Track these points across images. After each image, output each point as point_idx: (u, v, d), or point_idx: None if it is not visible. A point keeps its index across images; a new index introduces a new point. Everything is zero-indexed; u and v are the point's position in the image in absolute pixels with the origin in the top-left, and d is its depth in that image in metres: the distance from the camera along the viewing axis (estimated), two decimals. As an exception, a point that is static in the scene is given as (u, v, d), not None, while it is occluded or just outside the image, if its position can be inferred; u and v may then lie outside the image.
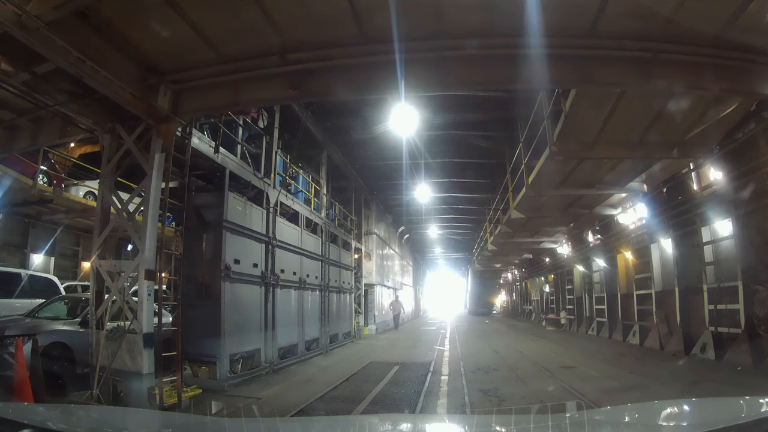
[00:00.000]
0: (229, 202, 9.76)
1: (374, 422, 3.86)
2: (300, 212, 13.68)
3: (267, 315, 11.07)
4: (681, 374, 9.73)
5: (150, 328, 6.95)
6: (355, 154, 18.52)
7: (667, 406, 2.78)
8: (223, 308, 9.20)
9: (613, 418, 2.78)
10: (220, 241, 9.45)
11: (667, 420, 2.47)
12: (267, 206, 11.47)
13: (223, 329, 9.09)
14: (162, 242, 7.44)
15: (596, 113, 8.77)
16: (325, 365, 12.23)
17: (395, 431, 3.20)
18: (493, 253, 26.51)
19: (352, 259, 19.70)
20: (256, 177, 11.10)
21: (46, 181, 12.40)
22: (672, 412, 2.63)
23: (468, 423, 3.63)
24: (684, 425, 2.51)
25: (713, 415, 2.37)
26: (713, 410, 2.50)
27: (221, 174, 9.78)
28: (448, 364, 11.81)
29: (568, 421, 2.80)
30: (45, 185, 12.14)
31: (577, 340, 17.79)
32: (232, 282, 9.60)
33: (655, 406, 2.99)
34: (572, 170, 11.49)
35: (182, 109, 7.56)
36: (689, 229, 12.25)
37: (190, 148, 8.27)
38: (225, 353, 9.10)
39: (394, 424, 3.43)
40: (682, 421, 2.55)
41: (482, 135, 16.29)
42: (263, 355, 10.70)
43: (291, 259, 12.73)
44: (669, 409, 2.71)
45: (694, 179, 12.04)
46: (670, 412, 2.61)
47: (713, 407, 2.59)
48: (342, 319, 17.59)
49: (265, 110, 12.16)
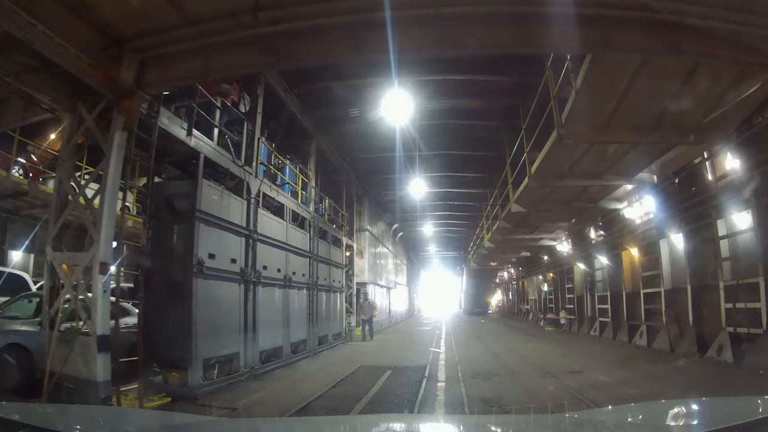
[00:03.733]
0: (204, 191, 8.89)
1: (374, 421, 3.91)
2: (286, 205, 12.75)
3: (247, 315, 10.17)
4: (700, 379, 8.91)
5: (106, 329, 6.11)
6: (346, 146, 17.60)
7: (669, 406, 2.77)
8: (195, 307, 8.30)
9: (613, 417, 2.73)
10: (192, 233, 8.56)
11: (668, 420, 2.39)
12: (248, 197, 10.56)
13: (194, 331, 8.21)
14: (121, 231, 6.65)
15: (609, 92, 7.96)
16: (312, 370, 11.37)
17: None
18: (489, 251, 25.67)
19: (343, 256, 18.76)
20: (236, 165, 10.19)
21: (22, 174, 11.78)
22: (672, 411, 2.58)
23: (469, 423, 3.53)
24: (685, 425, 2.42)
25: (714, 414, 2.35)
26: (714, 410, 2.47)
27: (196, 160, 8.87)
28: (444, 368, 10.95)
29: (568, 421, 2.79)
30: (20, 178, 11.49)
31: (579, 341, 16.95)
32: (205, 278, 8.70)
33: (656, 405, 2.96)
34: (578, 160, 10.67)
35: (147, 81, 6.76)
36: (703, 223, 11.44)
37: (157, 127, 7.46)
38: (197, 357, 8.22)
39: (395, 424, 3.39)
40: (683, 420, 2.46)
41: (481, 125, 15.40)
42: (243, 359, 9.82)
43: (275, 254, 11.81)
44: (670, 408, 2.66)
45: (708, 169, 11.24)
46: (671, 412, 2.56)
47: (714, 407, 2.57)
48: (332, 320, 16.66)
49: (247, 94, 11.34)
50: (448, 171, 20.27)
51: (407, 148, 16.92)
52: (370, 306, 19.77)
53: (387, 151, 17.41)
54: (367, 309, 19.47)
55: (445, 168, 19.84)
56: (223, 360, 9.25)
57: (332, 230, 17.43)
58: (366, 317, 19.19)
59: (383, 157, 18.31)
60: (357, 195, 22.62)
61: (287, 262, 12.46)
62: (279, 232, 12.14)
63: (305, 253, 13.95)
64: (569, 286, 22.38)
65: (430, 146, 16.98)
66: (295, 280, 12.91)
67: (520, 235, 20.14)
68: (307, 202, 14.96)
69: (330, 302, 16.48)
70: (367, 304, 19.78)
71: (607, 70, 7.42)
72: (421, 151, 17.11)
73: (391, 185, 22.32)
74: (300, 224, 14.01)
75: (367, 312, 19.34)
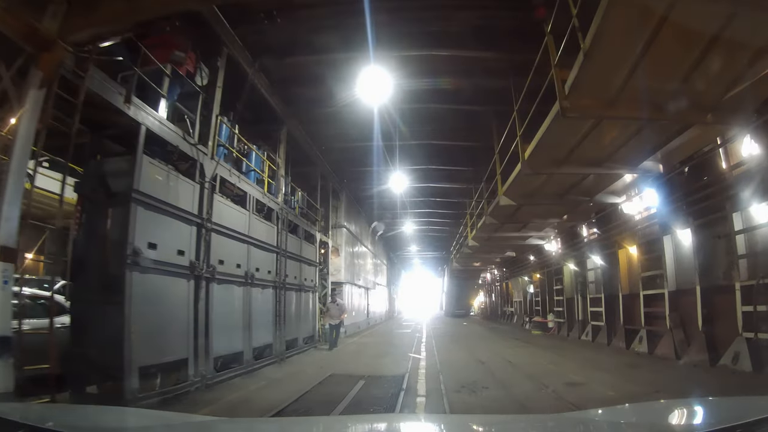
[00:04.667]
0: (144, 169, 7.50)
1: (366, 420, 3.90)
2: (249, 193, 11.29)
3: (198, 316, 8.78)
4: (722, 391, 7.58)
5: (6, 330, 4.99)
6: (320, 133, 16.12)
7: (668, 406, 2.74)
8: (129, 306, 6.93)
9: (613, 417, 2.61)
10: (127, 217, 7.13)
11: (668, 419, 2.35)
12: (201, 180, 9.13)
13: (128, 333, 6.82)
14: (29, 208, 5.52)
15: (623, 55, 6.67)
16: (276, 378, 9.98)
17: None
18: (473, 250, 24.33)
19: (316, 253, 17.25)
20: (187, 142, 8.76)
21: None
22: (672, 411, 2.52)
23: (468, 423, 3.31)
24: (685, 425, 2.30)
25: (715, 414, 2.29)
26: (714, 410, 2.39)
27: (137, 133, 7.44)
28: (425, 378, 9.58)
29: (568, 421, 2.77)
30: None
31: (571, 346, 15.67)
32: (144, 272, 7.29)
33: (655, 405, 2.95)
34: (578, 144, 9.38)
35: (71, 29, 5.71)
36: (715, 216, 10.26)
37: (85, 88, 6.19)
38: (132, 365, 6.85)
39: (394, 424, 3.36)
40: (684, 420, 2.33)
41: (467, 110, 14.08)
42: (192, 367, 8.42)
43: (234, 248, 10.35)
44: (670, 408, 2.62)
45: (722, 156, 10.09)
46: (670, 412, 2.51)
47: (714, 407, 2.49)
48: (303, 322, 15.18)
49: (206, 66, 9.95)
50: (430, 164, 18.94)
51: (387, 137, 15.57)
52: (338, 309, 16.16)
53: (365, 140, 16.04)
54: (335, 312, 16.00)
55: (427, 160, 18.50)
56: (167, 368, 7.86)
57: (304, 224, 15.95)
58: (334, 322, 15.94)
59: (361, 146, 16.90)
60: (333, 189, 21.20)
61: (249, 257, 11.01)
62: (240, 223, 10.69)
63: (271, 247, 12.48)
64: (558, 287, 21.12)
65: (411, 135, 15.64)
66: (259, 277, 11.45)
67: (507, 232, 18.83)
68: (276, 192, 13.52)
69: (301, 303, 15.02)
70: (334, 307, 16.17)
71: (624, 21, 6.13)
72: (401, 139, 15.77)
73: (369, 179, 20.90)
74: (267, 216, 12.55)
75: (335, 316, 15.96)
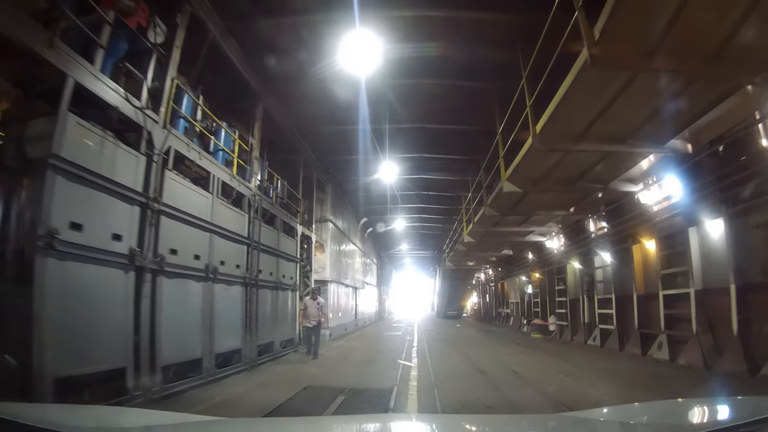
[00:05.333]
0: (70, 131, 6.00)
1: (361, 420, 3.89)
2: (213, 173, 9.69)
3: (140, 316, 7.23)
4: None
5: None
6: (302, 113, 14.48)
7: (670, 406, 2.73)
8: (42, 300, 5.43)
9: (613, 417, 2.61)
10: (42, 189, 5.59)
11: (669, 420, 2.33)
12: (148, 151, 7.55)
13: (38, 335, 5.34)
14: None
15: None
16: (239, 391, 8.36)
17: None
18: (468, 248, 22.78)
19: (297, 248, 15.62)
20: (130, 104, 7.17)
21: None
22: (674, 411, 2.52)
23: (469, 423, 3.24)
24: (686, 425, 2.27)
25: (716, 414, 2.31)
26: (716, 410, 2.42)
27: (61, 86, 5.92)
28: (417, 393, 7.98)
29: (569, 421, 2.77)
30: None
31: (578, 352, 14.16)
32: (62, 258, 5.73)
33: (657, 405, 2.90)
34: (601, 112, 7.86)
35: None
36: (754, 203, 8.82)
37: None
38: (44, 375, 5.34)
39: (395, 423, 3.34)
40: (685, 420, 2.32)
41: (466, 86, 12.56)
42: (131, 378, 6.88)
43: (192, 235, 8.75)
44: (671, 408, 2.61)
45: (761, 132, 8.65)
46: (672, 412, 2.50)
47: (716, 407, 2.51)
48: (280, 323, 13.56)
49: (163, 23, 8.42)
50: (423, 151, 17.38)
51: (376, 119, 14.04)
52: (317, 308, 13.13)
53: (351, 122, 14.47)
54: (314, 312, 12.99)
55: (420, 147, 16.96)
56: (98, 379, 6.29)
57: (283, 215, 14.35)
58: (311, 324, 13.00)
59: (348, 130, 15.30)
60: (318, 180, 19.57)
61: (212, 248, 9.41)
62: (200, 208, 9.10)
63: (241, 238, 10.87)
64: (560, 287, 19.60)
65: (402, 117, 14.15)
66: (225, 272, 9.86)
67: (507, 227, 17.36)
68: (249, 177, 11.93)
69: (278, 302, 13.38)
70: (313, 305, 13.10)
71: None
72: (392, 122, 14.25)
73: (357, 169, 19.21)
74: (236, 202, 10.95)
75: (314, 317, 12.98)
